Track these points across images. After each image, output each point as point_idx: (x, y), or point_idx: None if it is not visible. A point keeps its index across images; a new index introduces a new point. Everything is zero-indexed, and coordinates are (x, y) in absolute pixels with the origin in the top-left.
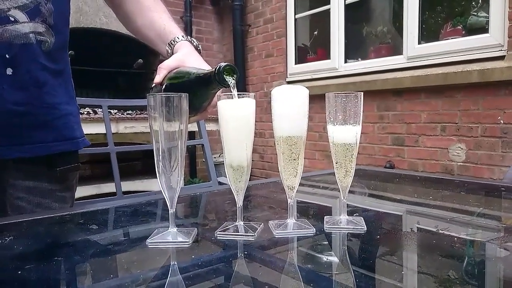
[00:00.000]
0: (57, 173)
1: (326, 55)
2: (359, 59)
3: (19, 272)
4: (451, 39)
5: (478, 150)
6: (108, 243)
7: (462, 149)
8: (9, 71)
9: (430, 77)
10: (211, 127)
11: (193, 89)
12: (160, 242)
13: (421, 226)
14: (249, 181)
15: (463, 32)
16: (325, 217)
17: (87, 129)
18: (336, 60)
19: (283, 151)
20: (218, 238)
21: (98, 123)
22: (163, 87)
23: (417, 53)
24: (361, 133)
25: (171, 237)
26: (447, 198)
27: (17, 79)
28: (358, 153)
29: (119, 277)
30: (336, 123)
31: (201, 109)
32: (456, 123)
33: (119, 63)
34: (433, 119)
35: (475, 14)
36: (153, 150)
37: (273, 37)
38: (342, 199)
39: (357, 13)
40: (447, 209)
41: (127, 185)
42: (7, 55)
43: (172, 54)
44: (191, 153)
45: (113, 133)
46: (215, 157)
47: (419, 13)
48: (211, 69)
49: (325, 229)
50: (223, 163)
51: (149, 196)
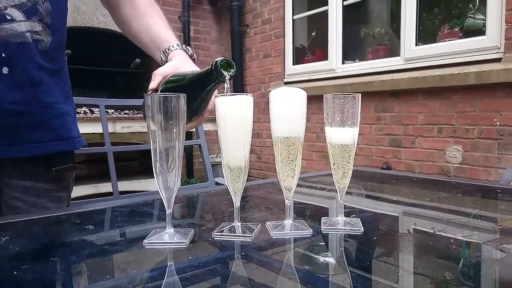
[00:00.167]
0: (53, 173)
1: (323, 56)
2: (357, 60)
3: (15, 272)
4: (448, 41)
5: (474, 151)
6: (104, 243)
7: (458, 150)
8: (5, 70)
9: (427, 78)
10: (208, 127)
11: (190, 90)
12: (157, 242)
13: (417, 227)
14: (247, 181)
15: (460, 34)
16: (322, 218)
17: (84, 128)
18: (333, 61)
19: (281, 152)
20: (215, 238)
21: (95, 123)
22: (159, 93)
23: (415, 54)
24: (359, 134)
25: (168, 238)
26: (444, 199)
27: (14, 78)
28: (355, 154)
29: (115, 278)
30: (334, 124)
31: (198, 111)
32: (452, 125)
33: (116, 63)
34: (430, 121)
35: (472, 16)
36: (150, 150)
37: (271, 37)
38: (339, 200)
39: (355, 15)
40: (444, 211)
41: (124, 185)
42: (3, 54)
43: (166, 62)
44: (188, 153)
45: (110, 133)
46: (212, 158)
47: (417, 15)
48: (207, 68)
49: (322, 230)
50: (221, 164)
51: (146, 196)
